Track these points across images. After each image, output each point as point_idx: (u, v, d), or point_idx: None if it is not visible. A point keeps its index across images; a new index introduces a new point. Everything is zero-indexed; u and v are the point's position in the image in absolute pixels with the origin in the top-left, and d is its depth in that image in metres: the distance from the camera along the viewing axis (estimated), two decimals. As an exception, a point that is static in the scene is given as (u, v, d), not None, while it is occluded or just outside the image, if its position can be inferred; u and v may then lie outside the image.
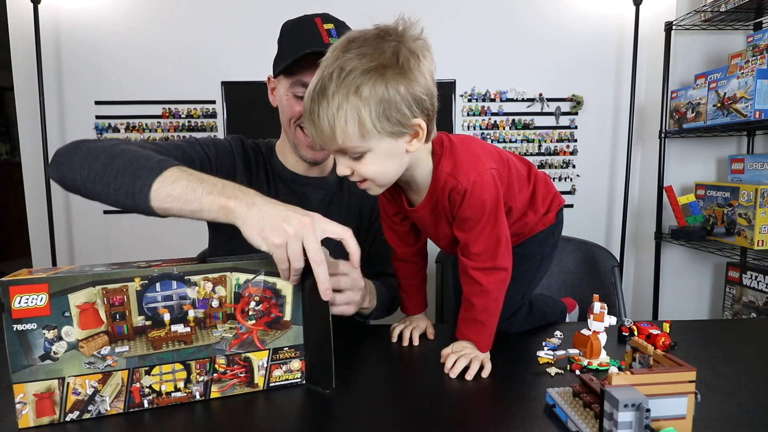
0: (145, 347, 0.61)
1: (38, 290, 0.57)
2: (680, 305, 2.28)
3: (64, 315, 0.57)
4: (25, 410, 0.57)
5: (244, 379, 0.66)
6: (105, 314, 0.59)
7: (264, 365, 0.67)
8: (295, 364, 0.69)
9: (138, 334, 0.60)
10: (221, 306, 0.63)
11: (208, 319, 0.63)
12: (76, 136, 2.41)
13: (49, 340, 0.57)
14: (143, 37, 2.25)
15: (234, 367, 0.65)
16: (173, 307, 0.61)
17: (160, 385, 0.62)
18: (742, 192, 1.84)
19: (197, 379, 0.64)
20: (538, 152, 2.42)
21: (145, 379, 0.62)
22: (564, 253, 1.31)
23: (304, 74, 0.90)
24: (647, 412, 0.49)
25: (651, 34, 2.32)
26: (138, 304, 0.60)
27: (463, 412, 0.63)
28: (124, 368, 0.61)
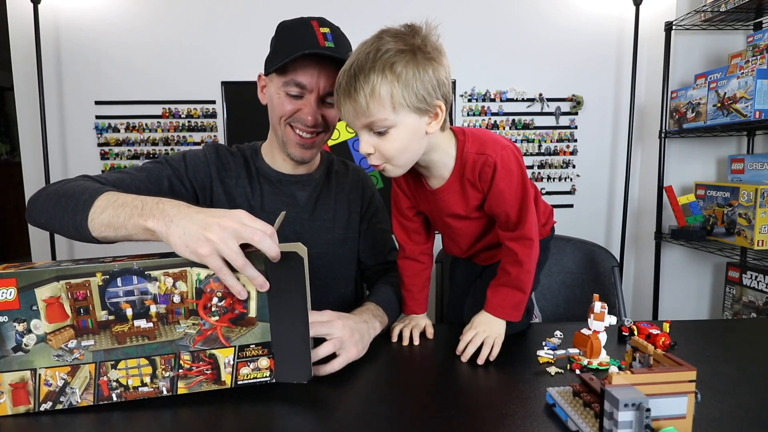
0: (110, 341, 0.62)
1: (7, 284, 0.59)
2: (680, 305, 2.28)
3: (32, 308, 0.59)
4: (2, 399, 0.60)
5: (210, 376, 0.66)
6: (70, 308, 0.60)
7: (230, 362, 0.66)
8: (263, 362, 0.67)
9: (102, 329, 0.62)
10: (183, 302, 0.63)
11: (171, 315, 0.63)
12: (76, 136, 2.41)
13: (20, 332, 0.60)
14: (143, 37, 2.25)
15: (199, 363, 0.65)
16: (135, 302, 0.62)
17: (126, 379, 0.63)
18: (742, 192, 1.84)
19: (162, 375, 0.65)
20: (538, 152, 2.42)
21: (112, 373, 0.63)
22: (564, 253, 1.31)
23: (298, 74, 0.91)
24: (647, 411, 0.49)
25: (651, 34, 2.32)
26: (101, 298, 0.61)
27: (464, 411, 0.63)
28: (91, 362, 0.62)
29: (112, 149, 2.29)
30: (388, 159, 0.76)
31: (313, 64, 0.90)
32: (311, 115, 0.92)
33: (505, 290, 0.84)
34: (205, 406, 0.64)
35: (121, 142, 2.29)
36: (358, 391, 0.69)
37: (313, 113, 0.93)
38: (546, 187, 2.45)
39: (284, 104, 0.93)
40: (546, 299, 1.30)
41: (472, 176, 0.82)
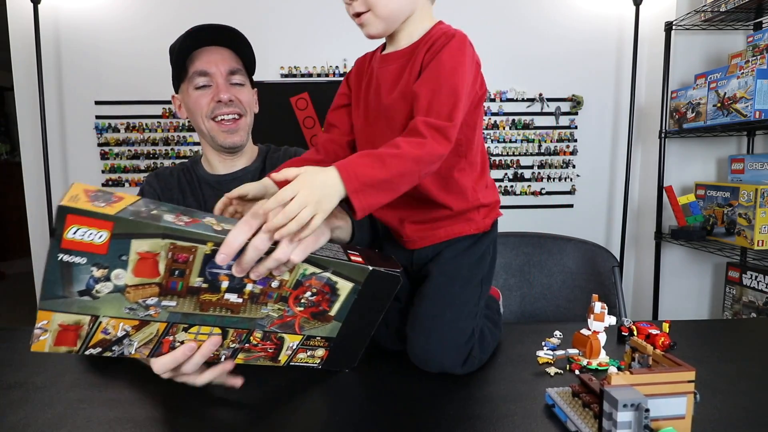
0: (192, 307, 0.59)
1: (100, 227, 0.51)
2: (680, 305, 2.28)
3: (120, 258, 0.53)
4: (43, 336, 0.55)
5: (270, 354, 0.68)
6: (164, 267, 0.56)
7: (293, 347, 0.69)
8: (319, 352, 0.71)
9: (190, 294, 0.58)
10: (280, 288, 0.62)
11: (262, 296, 0.62)
12: (76, 136, 2.41)
13: (96, 278, 0.54)
14: (143, 37, 2.25)
15: (267, 342, 0.67)
16: (234, 277, 0.59)
17: (191, 342, 0.62)
18: (742, 192, 1.84)
19: (229, 345, 0.65)
20: (538, 152, 2.42)
21: (180, 335, 0.61)
22: (564, 253, 1.31)
23: (197, 65, 0.99)
24: (646, 412, 0.49)
25: (651, 34, 2.32)
26: (201, 266, 0.57)
27: (463, 411, 0.63)
28: (164, 321, 0.59)
29: (112, 149, 2.29)
30: (372, 5, 0.69)
31: (207, 52, 0.99)
32: (223, 92, 0.98)
33: (374, 157, 0.62)
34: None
35: (121, 142, 2.29)
36: (357, 390, 0.70)
37: (224, 90, 0.99)
38: (546, 187, 2.45)
39: (198, 100, 1.00)
40: (546, 299, 1.30)
41: (425, 47, 0.72)
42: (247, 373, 0.68)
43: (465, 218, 0.78)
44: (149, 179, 1.10)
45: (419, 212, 0.78)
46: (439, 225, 0.78)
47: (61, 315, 0.54)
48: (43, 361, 0.78)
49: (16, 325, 2.97)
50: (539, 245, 1.32)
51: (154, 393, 0.68)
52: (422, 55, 0.72)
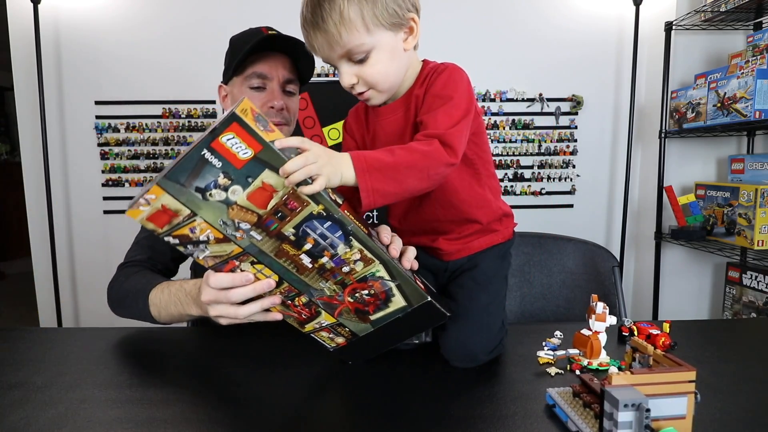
0: (271, 249, 0.63)
1: (250, 145, 0.55)
2: (680, 305, 2.28)
3: (246, 178, 0.57)
4: (143, 207, 0.58)
5: (301, 319, 0.72)
6: (273, 205, 0.59)
7: (323, 324, 0.72)
8: (340, 339, 0.74)
9: (277, 237, 0.62)
10: (347, 274, 0.66)
11: (329, 272, 0.65)
12: (76, 136, 2.41)
13: (217, 184, 0.57)
14: (143, 37, 2.25)
15: (305, 309, 0.70)
16: (319, 244, 0.62)
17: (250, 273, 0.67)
18: (742, 192, 1.84)
19: (275, 293, 0.68)
20: (538, 152, 2.42)
21: (245, 265, 0.65)
22: (564, 253, 1.31)
23: (257, 66, 0.99)
24: (647, 412, 0.49)
25: (651, 34, 2.32)
26: (301, 220, 0.61)
27: (463, 411, 0.63)
28: (242, 246, 0.63)
29: (112, 149, 2.29)
30: (373, 85, 0.73)
31: (270, 55, 0.99)
32: (277, 100, 0.99)
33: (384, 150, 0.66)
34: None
35: (121, 142, 2.29)
36: (356, 390, 0.69)
37: (279, 98, 1.00)
38: (546, 187, 2.45)
39: (251, 99, 0.99)
40: (546, 299, 1.30)
41: (420, 88, 0.76)
42: (247, 373, 0.68)
43: (492, 229, 0.85)
44: None
45: (451, 233, 0.85)
46: (473, 239, 0.85)
47: (169, 198, 0.58)
48: (43, 361, 0.78)
49: (16, 325, 2.97)
50: (539, 245, 1.32)
51: (154, 393, 0.68)
52: (419, 95, 0.76)
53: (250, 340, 0.89)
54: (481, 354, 0.77)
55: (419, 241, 0.86)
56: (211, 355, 0.84)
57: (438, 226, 0.84)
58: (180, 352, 0.85)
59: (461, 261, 0.86)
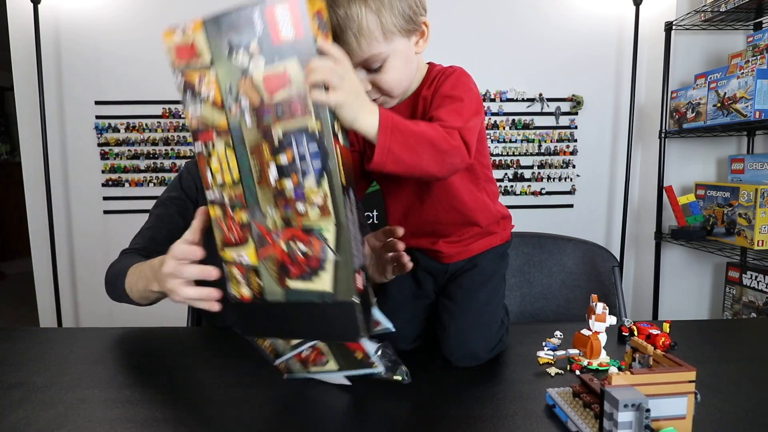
0: (251, 141, 0.59)
1: (296, 28, 0.53)
2: (680, 305, 2.28)
3: (274, 57, 0.55)
4: (178, 35, 0.61)
5: (227, 239, 0.64)
6: (281, 97, 0.56)
7: (242, 259, 0.64)
8: (246, 290, 0.65)
9: (263, 134, 0.58)
10: (298, 215, 0.59)
11: (283, 201, 0.59)
12: (76, 136, 2.40)
13: (248, 47, 0.55)
14: (143, 37, 2.25)
15: (238, 229, 0.63)
16: (294, 162, 0.57)
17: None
18: (742, 192, 1.84)
19: (227, 191, 0.63)
20: (538, 152, 2.42)
21: (219, 143, 0.61)
22: (564, 253, 1.31)
23: None
24: (647, 412, 0.49)
25: (651, 34, 2.32)
26: (294, 128, 0.56)
27: (463, 411, 0.63)
28: (229, 124, 0.59)
29: (112, 149, 2.29)
30: (388, 92, 0.73)
31: None
32: None
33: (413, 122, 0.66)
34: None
35: (121, 142, 2.29)
36: (356, 389, 0.69)
37: None
38: (546, 187, 2.45)
39: None
40: (546, 299, 1.30)
41: (428, 90, 0.76)
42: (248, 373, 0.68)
43: (491, 231, 0.86)
44: (189, 165, 1.13)
45: (451, 236, 0.85)
46: (472, 241, 0.85)
47: (202, 37, 0.58)
48: (43, 361, 0.78)
49: (16, 325, 2.97)
50: (539, 245, 1.32)
51: (154, 393, 0.68)
52: (427, 95, 0.76)
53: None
54: (482, 352, 0.77)
55: (419, 244, 0.86)
56: (211, 355, 0.84)
57: (439, 228, 0.84)
58: (180, 351, 0.85)
59: (461, 263, 0.86)
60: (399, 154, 0.61)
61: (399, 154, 0.61)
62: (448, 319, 0.81)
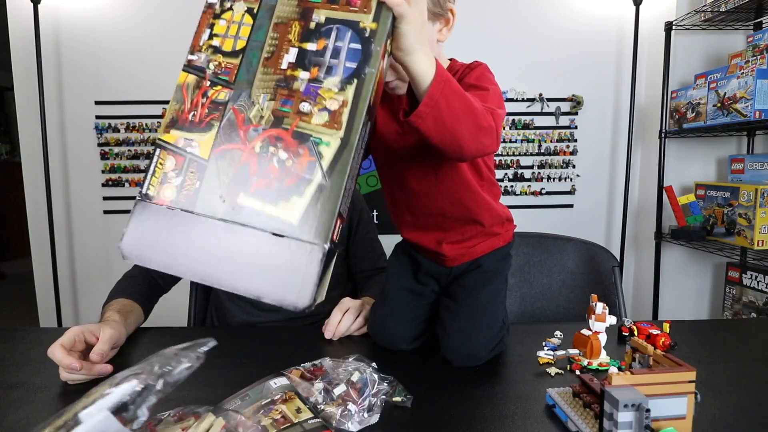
0: (282, 13, 0.51)
1: None
2: (680, 305, 2.28)
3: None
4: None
5: (183, 116, 0.54)
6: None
7: (186, 149, 0.51)
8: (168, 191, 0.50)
9: (300, 9, 0.51)
10: (297, 115, 0.49)
11: (286, 93, 0.49)
12: (76, 136, 2.39)
13: None
14: (144, 37, 2.25)
15: (204, 110, 0.52)
16: (323, 54, 0.49)
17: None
18: (742, 192, 1.84)
19: (216, 61, 0.53)
20: (538, 152, 2.42)
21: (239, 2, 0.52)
22: (564, 253, 1.31)
23: None
24: (647, 412, 0.49)
25: (651, 34, 2.32)
26: (341, 18, 0.49)
27: (464, 411, 0.63)
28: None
29: (112, 149, 2.29)
30: (403, 76, 0.69)
31: None
32: None
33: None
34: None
35: (121, 142, 2.29)
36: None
37: None
38: (546, 187, 2.45)
39: None
40: (546, 299, 1.30)
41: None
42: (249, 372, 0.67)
43: (494, 232, 0.86)
44: None
45: (454, 233, 0.84)
46: (475, 242, 0.85)
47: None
48: (43, 361, 0.78)
49: (16, 325, 2.97)
50: (539, 245, 1.32)
51: (155, 393, 0.68)
52: None
53: (252, 340, 0.89)
54: (482, 351, 0.77)
55: (423, 241, 0.86)
56: (212, 354, 0.84)
57: (443, 222, 0.83)
58: (180, 352, 0.85)
59: (464, 265, 0.86)
60: (442, 111, 0.57)
61: (442, 111, 0.57)
62: (449, 318, 0.81)
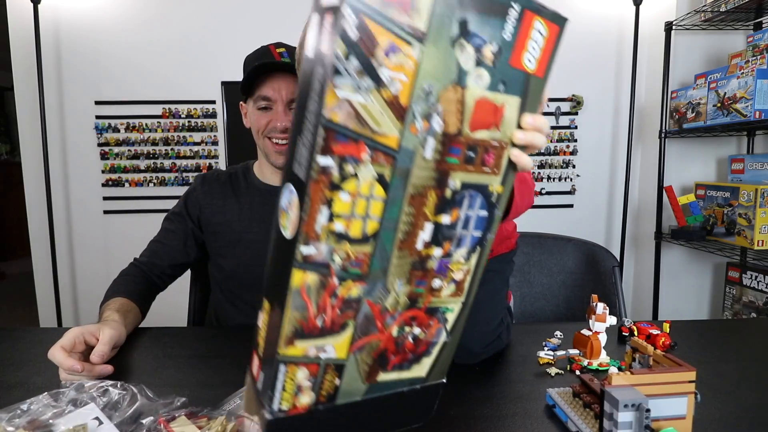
0: (417, 182, 0.40)
1: (541, 61, 0.41)
2: (680, 305, 2.28)
3: (500, 81, 0.40)
4: None
5: (310, 325, 0.40)
6: (481, 136, 0.41)
7: (320, 356, 0.42)
8: (305, 399, 0.42)
9: (437, 177, 0.40)
10: (430, 292, 0.45)
11: (420, 274, 0.43)
12: (76, 136, 2.40)
13: (480, 46, 0.38)
14: (143, 37, 2.25)
15: (336, 310, 0.41)
16: (454, 227, 0.43)
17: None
18: (742, 192, 1.84)
19: (344, 251, 0.40)
20: (538, 152, 2.42)
21: (365, 168, 0.37)
22: (564, 253, 1.31)
23: (262, 89, 1.04)
24: (647, 412, 0.49)
25: (651, 34, 2.32)
26: (473, 183, 0.42)
27: (463, 411, 0.63)
28: (400, 144, 0.38)
29: (112, 149, 2.29)
30: None
31: (273, 78, 1.04)
32: (279, 121, 1.04)
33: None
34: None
35: (121, 142, 2.29)
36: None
37: (281, 119, 1.04)
38: (546, 187, 2.45)
39: (259, 119, 1.06)
40: (546, 299, 1.30)
41: None
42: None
43: (503, 239, 0.88)
44: (196, 182, 1.15)
45: None
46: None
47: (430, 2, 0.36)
48: (43, 361, 0.78)
49: (16, 325, 2.97)
50: (539, 245, 1.32)
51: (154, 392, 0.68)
52: None
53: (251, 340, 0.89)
54: (476, 346, 0.77)
55: None
56: (212, 354, 0.84)
57: None
58: (180, 351, 0.85)
59: None
60: (521, 203, 0.65)
61: (521, 203, 0.65)
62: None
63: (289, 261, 0.37)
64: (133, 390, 0.61)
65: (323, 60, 0.34)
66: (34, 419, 0.55)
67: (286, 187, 0.39)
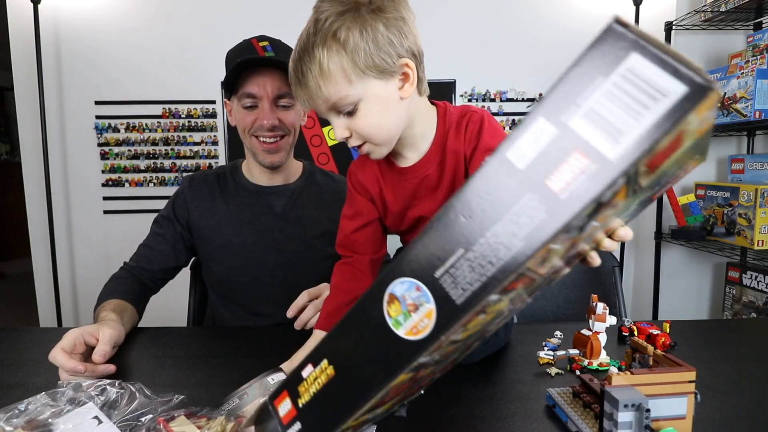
0: (525, 290, 0.37)
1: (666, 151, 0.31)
2: (680, 305, 2.28)
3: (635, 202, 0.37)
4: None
5: (397, 393, 0.43)
6: (581, 242, 0.37)
7: (375, 414, 0.46)
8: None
9: (545, 281, 0.39)
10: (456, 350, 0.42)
11: (460, 344, 0.40)
12: (76, 136, 2.40)
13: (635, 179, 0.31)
14: (143, 37, 2.25)
15: (411, 382, 0.42)
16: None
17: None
18: (742, 192, 1.84)
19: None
20: (538, 152, 2.42)
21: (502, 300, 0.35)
22: (564, 253, 1.31)
23: (246, 86, 0.99)
24: (647, 412, 0.49)
25: (651, 34, 2.32)
26: (536, 286, 0.39)
27: (464, 411, 0.63)
28: (539, 275, 0.35)
29: (112, 149, 2.29)
30: (367, 138, 0.67)
31: (258, 74, 0.98)
32: (266, 119, 1.00)
33: None
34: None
35: (121, 142, 2.29)
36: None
37: (268, 117, 0.99)
38: (546, 187, 2.45)
39: (244, 117, 1.02)
40: (546, 299, 1.30)
41: (456, 141, 0.71)
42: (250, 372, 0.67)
43: None
44: (183, 184, 1.13)
45: None
46: None
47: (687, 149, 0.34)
48: (43, 361, 0.78)
49: (16, 325, 2.97)
50: (539, 245, 1.31)
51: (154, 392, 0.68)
52: (459, 150, 0.72)
53: (250, 340, 0.89)
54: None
55: None
56: (212, 354, 0.84)
57: None
58: (180, 351, 0.85)
59: None
60: None
61: None
62: None
63: (402, 363, 0.36)
64: (132, 389, 0.61)
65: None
66: (32, 419, 0.55)
67: (411, 282, 0.36)
